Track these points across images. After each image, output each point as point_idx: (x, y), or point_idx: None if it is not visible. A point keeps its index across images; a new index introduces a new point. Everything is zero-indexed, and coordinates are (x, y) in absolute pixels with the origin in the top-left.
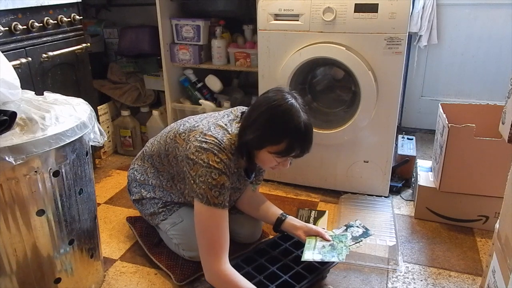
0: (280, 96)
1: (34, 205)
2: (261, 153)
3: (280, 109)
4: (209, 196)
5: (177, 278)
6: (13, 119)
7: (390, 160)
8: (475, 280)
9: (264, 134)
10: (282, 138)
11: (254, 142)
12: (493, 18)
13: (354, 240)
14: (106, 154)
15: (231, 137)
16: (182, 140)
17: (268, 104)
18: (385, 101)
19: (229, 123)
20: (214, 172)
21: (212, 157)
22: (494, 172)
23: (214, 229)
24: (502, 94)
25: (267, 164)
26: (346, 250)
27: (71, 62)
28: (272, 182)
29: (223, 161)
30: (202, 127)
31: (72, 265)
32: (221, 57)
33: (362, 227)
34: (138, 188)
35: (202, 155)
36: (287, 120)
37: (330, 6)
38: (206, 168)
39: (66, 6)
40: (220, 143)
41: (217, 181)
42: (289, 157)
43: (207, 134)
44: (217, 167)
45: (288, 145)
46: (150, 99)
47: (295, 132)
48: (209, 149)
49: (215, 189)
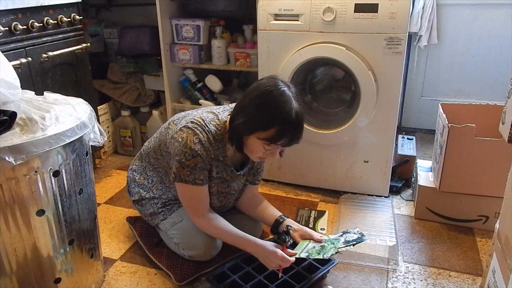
0: (272, 82)
1: (34, 205)
2: (250, 139)
3: (271, 95)
4: (181, 175)
5: (177, 278)
6: (13, 119)
7: (390, 160)
8: (475, 280)
9: (254, 118)
10: (272, 124)
11: (244, 126)
12: (493, 18)
13: (345, 244)
14: (106, 154)
15: (219, 122)
16: (174, 124)
17: (260, 89)
18: (385, 101)
19: (221, 112)
20: (188, 153)
21: (191, 137)
22: (494, 172)
23: (190, 197)
24: (502, 94)
25: (255, 152)
26: (333, 251)
27: (71, 62)
28: (272, 182)
29: (201, 142)
30: (195, 113)
31: (72, 265)
32: (221, 57)
33: (359, 234)
34: (137, 189)
35: (183, 134)
36: (277, 106)
37: (330, 6)
38: (182, 147)
39: (66, 6)
40: (205, 125)
41: (190, 162)
42: (277, 145)
43: (197, 117)
44: (192, 148)
45: (277, 132)
46: (150, 99)
47: (285, 119)
48: (191, 128)
49: (187, 169)
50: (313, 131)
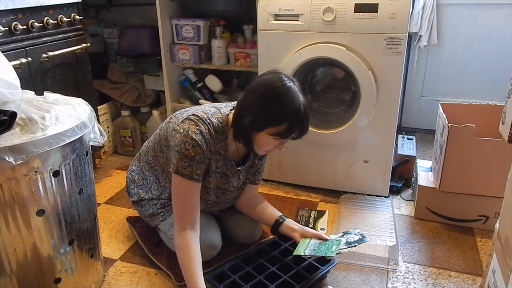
0: (277, 78)
1: (34, 205)
2: (260, 135)
3: (279, 90)
4: (179, 166)
5: (177, 278)
6: (13, 119)
7: (390, 160)
8: (475, 280)
9: (263, 115)
10: (283, 119)
11: (254, 123)
12: (493, 18)
13: (347, 245)
14: (106, 154)
15: (221, 116)
16: (175, 118)
17: (266, 86)
18: (385, 101)
19: (224, 107)
20: (188, 142)
21: (193, 127)
22: (494, 172)
23: (182, 196)
24: (502, 94)
25: (264, 147)
26: (337, 249)
27: (71, 62)
28: (272, 182)
29: (203, 133)
30: (197, 107)
31: (72, 265)
32: (221, 57)
33: (360, 235)
34: (136, 190)
35: (184, 125)
36: (286, 101)
37: (330, 6)
38: (183, 137)
39: (66, 6)
40: (207, 118)
41: (189, 151)
42: (288, 139)
43: (199, 110)
44: (193, 138)
45: (289, 126)
46: (150, 99)
47: (295, 113)
48: (193, 119)
49: (185, 160)
50: (313, 131)
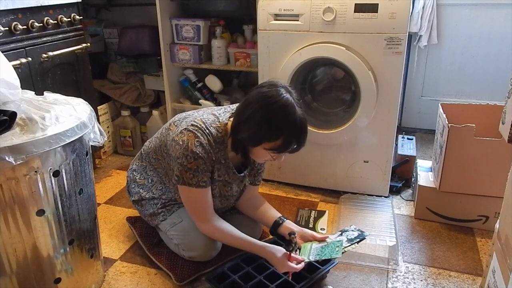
0: (275, 92)
1: (34, 205)
2: (256, 149)
3: (276, 106)
4: (184, 178)
5: (177, 278)
6: (13, 119)
7: (390, 160)
8: (475, 280)
9: (260, 131)
10: (279, 135)
11: (250, 139)
12: (493, 18)
13: (350, 242)
14: (106, 154)
15: (220, 125)
16: (175, 126)
17: (263, 100)
18: (385, 101)
19: (222, 114)
20: (189, 156)
21: (192, 139)
22: (494, 172)
23: (194, 202)
24: (502, 94)
25: (262, 158)
26: (341, 250)
27: (71, 62)
28: (272, 182)
29: (203, 145)
30: (196, 115)
31: (72, 265)
32: (221, 57)
33: (358, 231)
34: (137, 189)
35: (184, 137)
36: (283, 117)
37: (330, 6)
38: (184, 150)
39: (66, 6)
40: (206, 128)
41: (192, 164)
42: (284, 153)
43: (198, 119)
44: (194, 151)
45: (285, 141)
46: (150, 99)
47: (292, 128)
48: (192, 131)
49: (189, 172)
50: (313, 131)
